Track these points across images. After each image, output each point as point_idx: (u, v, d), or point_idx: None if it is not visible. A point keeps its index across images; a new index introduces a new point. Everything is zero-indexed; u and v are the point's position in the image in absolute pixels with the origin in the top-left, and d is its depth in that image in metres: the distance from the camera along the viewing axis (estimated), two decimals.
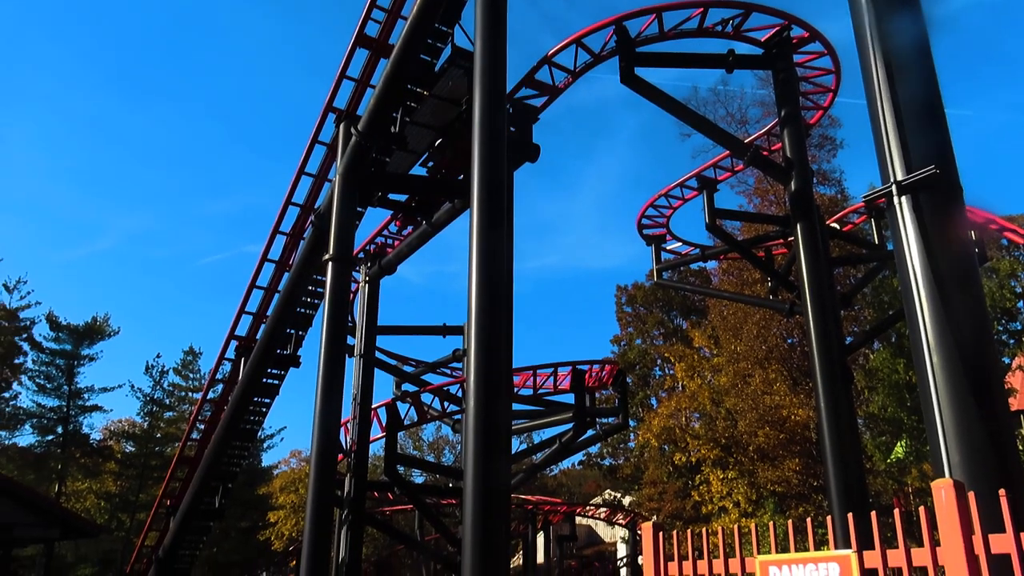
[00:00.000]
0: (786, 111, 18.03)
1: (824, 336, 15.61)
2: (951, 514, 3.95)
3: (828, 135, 36.53)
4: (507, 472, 11.27)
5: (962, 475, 6.57)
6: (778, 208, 30.90)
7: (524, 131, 15.77)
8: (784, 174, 17.59)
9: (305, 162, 20.02)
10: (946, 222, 8.20)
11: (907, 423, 22.65)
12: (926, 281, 7.83)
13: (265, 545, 43.01)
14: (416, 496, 24.28)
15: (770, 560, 4.92)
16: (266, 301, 22.59)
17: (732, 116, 39.12)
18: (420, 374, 26.14)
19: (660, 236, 24.64)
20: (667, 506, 36.50)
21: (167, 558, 25.11)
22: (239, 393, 22.30)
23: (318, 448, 14.14)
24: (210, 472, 23.64)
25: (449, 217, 18.85)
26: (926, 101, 8.83)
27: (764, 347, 30.86)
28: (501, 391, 10.50)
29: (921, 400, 7.80)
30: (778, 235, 21.57)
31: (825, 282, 16.50)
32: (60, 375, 43.18)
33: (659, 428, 34.15)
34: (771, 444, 28.72)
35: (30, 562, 35.40)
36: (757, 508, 28.71)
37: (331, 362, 14.69)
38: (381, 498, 32.73)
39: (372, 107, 15.36)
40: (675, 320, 49.89)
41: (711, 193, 19.15)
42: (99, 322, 44.54)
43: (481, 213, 10.62)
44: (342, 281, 15.53)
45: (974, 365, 7.51)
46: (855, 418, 17.90)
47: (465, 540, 9.32)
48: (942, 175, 8.15)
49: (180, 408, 46.16)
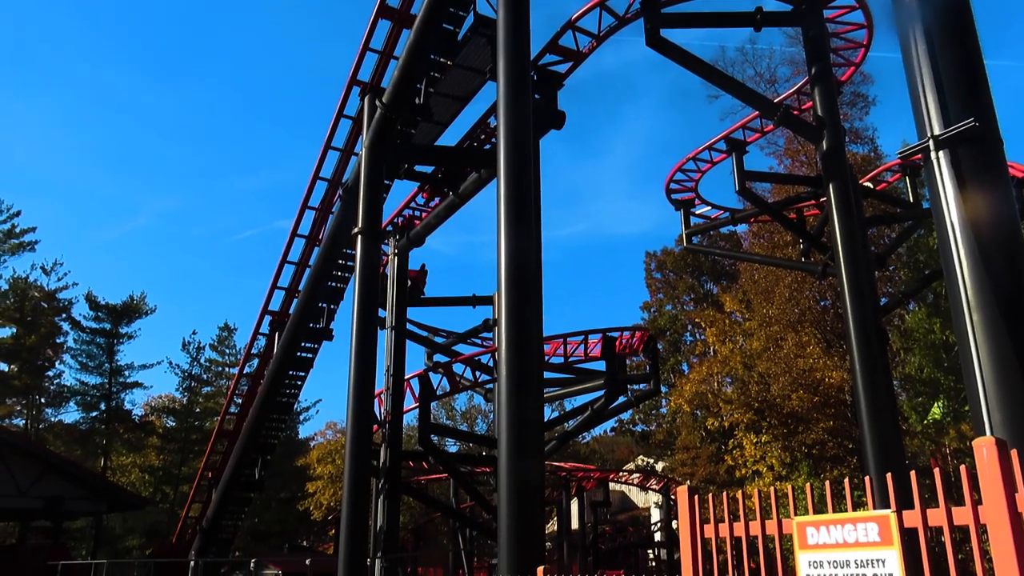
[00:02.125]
0: (816, 68, 17.60)
1: (858, 297, 15.38)
2: (993, 472, 3.89)
3: (860, 92, 35.71)
4: (540, 440, 11.36)
5: (1004, 433, 6.47)
6: (809, 169, 30.35)
7: (549, 98, 15.63)
8: (815, 133, 17.23)
9: (331, 136, 20.07)
10: (986, 177, 7.98)
11: (944, 383, 22.35)
12: (965, 239, 7.66)
13: (304, 515, 43.96)
14: (450, 465, 24.59)
15: (807, 521, 4.91)
16: (298, 276, 22.84)
17: (761, 76, 38.41)
18: (451, 344, 26.31)
19: (689, 200, 24.36)
20: (700, 471, 36.54)
21: (211, 528, 25.81)
22: (274, 367, 22.67)
23: (353, 419, 14.37)
24: (249, 444, 24.16)
25: (476, 187, 18.81)
26: (964, 52, 8.56)
27: (796, 310, 30.52)
28: (532, 361, 10.55)
29: (961, 359, 7.67)
30: (810, 196, 21.19)
31: (859, 243, 16.21)
32: (101, 353, 44.25)
33: (691, 393, 34.05)
34: (805, 407, 28.52)
35: (80, 534, 36.63)
36: (791, 471, 28.61)
37: (363, 334, 14.85)
38: (416, 467, 33.19)
39: (396, 79, 15.30)
40: (705, 285, 49.50)
41: (740, 155, 18.84)
42: (136, 301, 45.45)
43: (508, 182, 10.58)
44: (372, 254, 15.63)
45: (1015, 323, 7.36)
46: (891, 379, 17.68)
47: (500, 507, 9.45)
48: (982, 128, 7.92)
49: (217, 383, 47.10)
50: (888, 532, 4.37)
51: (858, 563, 4.53)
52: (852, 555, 4.57)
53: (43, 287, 43.03)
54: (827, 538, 4.75)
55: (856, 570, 4.54)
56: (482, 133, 20.44)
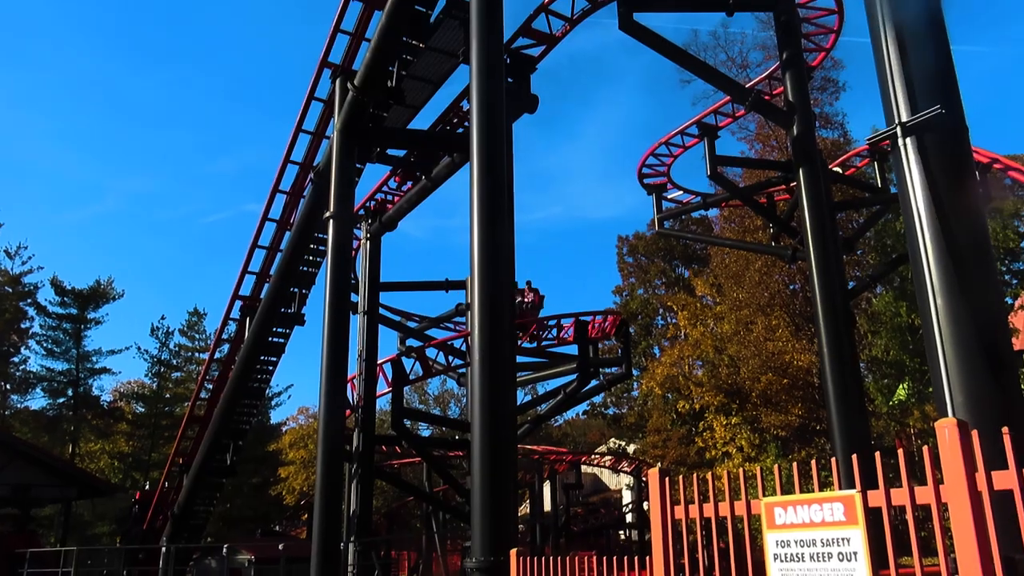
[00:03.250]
0: (788, 54, 17.74)
1: (827, 281, 15.62)
2: (954, 452, 4.00)
3: (831, 77, 36.05)
4: (513, 423, 11.42)
5: (965, 415, 6.64)
6: (780, 154, 30.64)
7: (522, 82, 15.59)
8: (786, 118, 17.39)
9: (302, 119, 19.82)
10: (951, 163, 8.12)
11: (909, 366, 22.80)
12: (931, 223, 7.80)
13: (277, 500, 43.77)
14: (423, 449, 24.63)
15: (775, 501, 5.01)
16: (269, 260, 22.61)
17: (733, 61, 38.59)
18: (424, 329, 26.26)
19: (661, 185, 24.49)
20: (671, 453, 36.96)
21: (182, 514, 25.61)
22: (246, 352, 22.47)
23: (326, 404, 14.32)
24: (220, 430, 23.97)
25: (449, 171, 18.73)
26: (932, 40, 8.68)
27: (766, 294, 30.92)
28: (505, 345, 10.58)
29: (925, 342, 7.83)
30: (780, 181, 21.44)
31: (828, 227, 16.44)
32: (68, 339, 43.49)
33: (662, 376, 34.39)
34: (774, 390, 28.96)
35: (49, 521, 36.14)
36: (760, 453, 29.08)
37: (335, 319, 14.77)
38: (389, 451, 33.16)
39: (368, 61, 15.13)
40: (677, 269, 49.86)
41: (712, 140, 18.98)
42: (103, 286, 44.67)
43: (481, 166, 10.55)
44: (343, 238, 15.52)
45: (978, 307, 7.53)
46: (858, 362, 18.01)
47: (474, 491, 9.50)
48: (947, 115, 8.05)
49: (187, 368, 46.55)
50: (853, 511, 4.47)
51: (824, 542, 4.63)
52: (818, 534, 4.68)
53: (7, 271, 42.16)
54: (794, 518, 4.85)
55: (822, 548, 4.64)
56: (455, 117, 20.32)
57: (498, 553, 8.78)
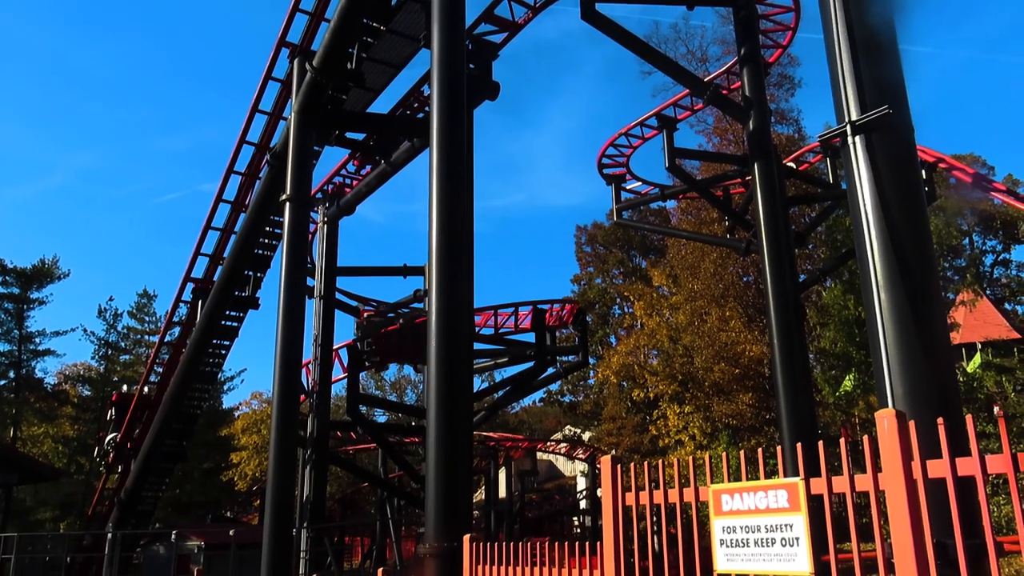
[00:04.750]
0: (746, 49, 17.98)
1: (779, 273, 15.95)
2: (892, 442, 4.15)
3: (787, 74, 36.74)
4: (469, 410, 11.46)
5: (905, 406, 6.87)
6: (736, 148, 31.10)
7: (484, 68, 15.50)
8: (743, 113, 17.65)
9: (259, 99, 19.48)
10: (898, 161, 8.36)
11: (856, 357, 23.44)
12: (876, 219, 8.03)
13: (228, 485, 43.22)
14: (379, 435, 24.57)
15: (722, 489, 5.13)
16: (223, 242, 22.22)
17: (693, 54, 39.03)
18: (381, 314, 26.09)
19: (620, 176, 24.67)
20: (625, 440, 37.46)
21: (130, 500, 25.14)
22: (197, 336, 22.09)
23: (280, 389, 14.17)
24: (170, 414, 23.56)
25: (408, 156, 18.59)
26: (882, 41, 8.90)
27: (721, 285, 31.45)
28: (462, 332, 10.60)
29: (869, 334, 8.08)
30: (736, 174, 21.75)
31: (781, 221, 16.76)
32: (9, 319, 42.20)
33: (618, 365, 34.80)
34: (726, 379, 29.53)
35: None
36: (712, 441, 29.65)
37: (291, 303, 14.60)
38: (344, 437, 32.98)
39: (327, 42, 14.91)
40: (635, 259, 50.38)
41: (671, 132, 19.15)
42: (47, 264, 43.38)
43: (440, 152, 10.52)
44: (300, 222, 15.32)
45: (920, 301, 7.79)
46: (807, 353, 18.46)
47: (428, 477, 9.52)
48: (895, 115, 8.28)
49: (136, 351, 45.58)
50: (796, 498, 4.62)
51: (768, 527, 4.77)
52: (763, 520, 4.81)
53: None
54: (740, 504, 4.98)
55: (766, 534, 4.78)
56: (415, 101, 20.17)
57: (452, 539, 8.83)
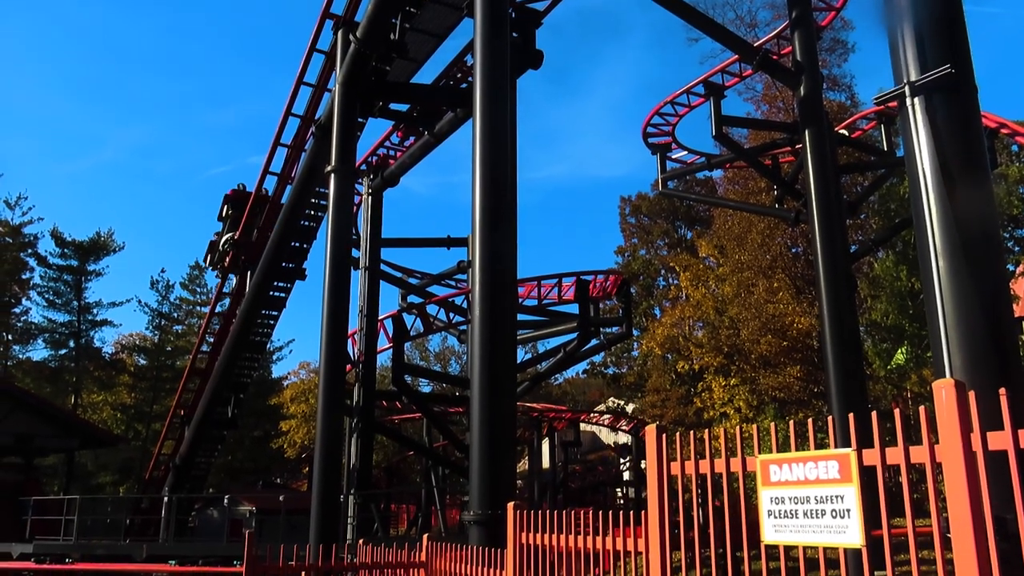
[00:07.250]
0: (797, 12, 17.41)
1: (829, 244, 15.56)
2: (951, 412, 4.00)
3: (840, 38, 35.55)
4: (513, 380, 11.48)
5: (963, 377, 6.65)
6: (786, 115, 30.30)
7: (527, 37, 15.31)
8: (793, 79, 17.14)
9: (304, 72, 19.58)
10: (959, 125, 8.02)
11: (908, 330, 22.84)
12: (936, 185, 7.73)
13: (278, 453, 44.30)
14: (423, 404, 24.87)
15: (770, 459, 5.04)
16: (271, 214, 22.53)
17: (742, 19, 38.02)
18: (425, 286, 26.30)
19: (666, 145, 24.26)
20: (669, 413, 37.24)
21: (184, 465, 25.95)
22: (246, 306, 22.53)
23: (327, 359, 14.39)
24: (221, 383, 24.16)
25: (452, 127, 18.55)
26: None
27: (768, 256, 30.83)
28: (506, 303, 10.59)
29: (926, 304, 7.83)
30: (785, 143, 21.22)
31: (832, 190, 16.32)
32: (68, 291, 43.56)
33: (663, 337, 34.49)
34: (773, 352, 29.05)
35: (52, 471, 36.63)
36: (758, 414, 29.29)
37: (336, 274, 14.77)
38: (390, 407, 33.47)
39: (370, 13, 14.88)
40: (680, 230, 49.71)
41: (718, 100, 18.74)
42: (103, 237, 44.59)
43: (484, 122, 10.44)
44: (345, 193, 15.43)
45: (980, 270, 7.50)
46: (857, 325, 18.03)
47: (473, 446, 9.59)
48: (957, 75, 7.92)
49: (189, 322, 46.70)
50: (848, 469, 4.50)
51: (818, 499, 4.67)
52: (812, 491, 4.71)
53: (7, 221, 42.07)
54: (789, 475, 4.88)
55: (816, 506, 4.68)
56: (458, 71, 20.05)
57: (496, 508, 8.89)
